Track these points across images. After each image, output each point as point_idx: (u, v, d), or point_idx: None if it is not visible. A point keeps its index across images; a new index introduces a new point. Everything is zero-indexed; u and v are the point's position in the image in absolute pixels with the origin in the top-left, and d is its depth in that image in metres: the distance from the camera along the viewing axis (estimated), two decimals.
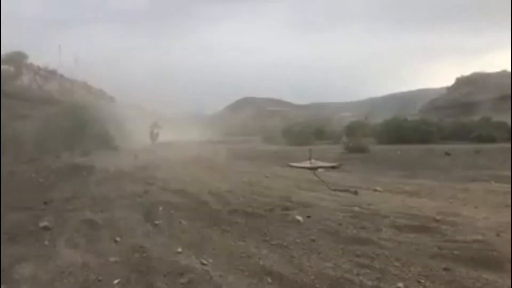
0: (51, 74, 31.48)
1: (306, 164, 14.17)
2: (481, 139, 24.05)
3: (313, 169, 12.73)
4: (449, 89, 63.25)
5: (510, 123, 27.52)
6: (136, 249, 4.25)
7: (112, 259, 3.96)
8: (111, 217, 5.73)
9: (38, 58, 29.72)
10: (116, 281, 3.46)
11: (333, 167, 14.07)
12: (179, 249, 4.21)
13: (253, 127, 56.38)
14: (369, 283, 3.32)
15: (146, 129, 27.21)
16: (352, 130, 31.47)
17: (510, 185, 8.47)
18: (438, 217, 5.39)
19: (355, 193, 7.68)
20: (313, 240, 4.48)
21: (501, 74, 55.10)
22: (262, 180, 9.38)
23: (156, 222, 5.42)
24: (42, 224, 5.25)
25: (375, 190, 8.29)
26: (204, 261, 3.83)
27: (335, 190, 8.07)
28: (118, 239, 4.63)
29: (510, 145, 18.14)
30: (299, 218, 5.39)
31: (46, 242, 4.58)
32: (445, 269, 3.53)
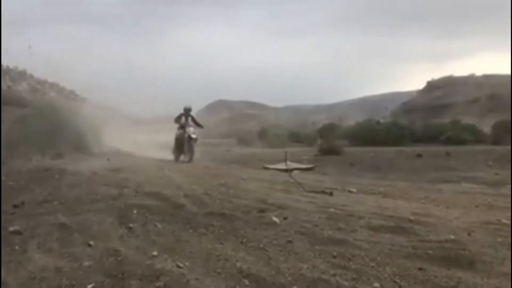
0: (20, 75, 30.71)
1: (282, 166, 14.24)
2: (450, 141, 24.73)
3: (289, 171, 12.79)
4: (420, 92, 64.88)
5: (478, 127, 28.61)
6: (110, 253, 4.15)
7: (86, 263, 3.86)
8: (85, 220, 5.58)
9: (7, 58, 28.91)
10: (90, 286, 3.38)
11: (308, 169, 14.21)
12: (155, 253, 4.14)
13: (228, 129, 56.28)
14: (346, 283, 3.35)
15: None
16: (326, 132, 31.95)
17: (479, 186, 8.74)
18: (412, 218, 5.50)
19: (331, 194, 7.74)
20: (290, 242, 4.49)
21: (470, 78, 56.95)
22: (238, 182, 9.34)
23: (131, 225, 5.31)
24: (12, 228, 5.07)
25: (350, 192, 8.39)
26: (180, 264, 3.78)
27: (310, 191, 8.12)
28: (91, 243, 4.51)
29: (479, 148, 18.74)
30: (276, 219, 5.39)
31: (17, 247, 4.42)
32: (419, 268, 3.60)
